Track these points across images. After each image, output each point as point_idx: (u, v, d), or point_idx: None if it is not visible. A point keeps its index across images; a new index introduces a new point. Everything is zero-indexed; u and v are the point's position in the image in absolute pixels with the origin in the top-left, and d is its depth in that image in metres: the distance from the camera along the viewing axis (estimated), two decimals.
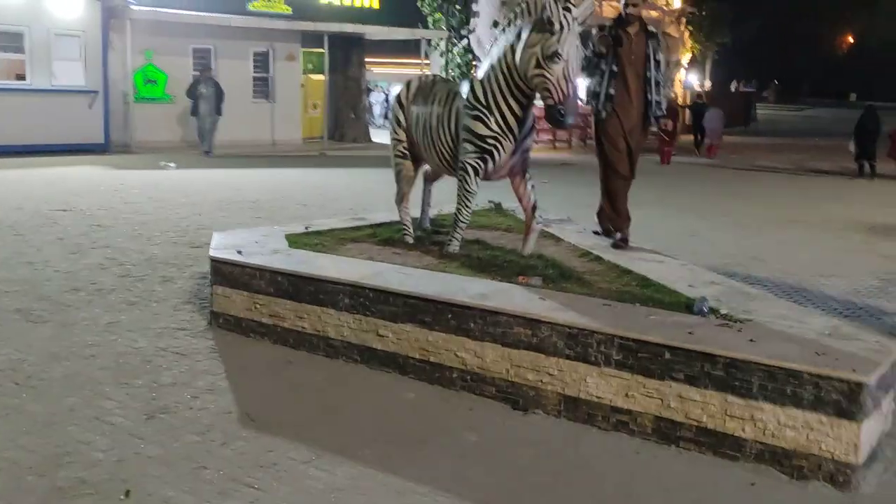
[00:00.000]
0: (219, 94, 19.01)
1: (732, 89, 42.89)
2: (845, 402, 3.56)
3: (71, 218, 9.95)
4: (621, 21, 6.32)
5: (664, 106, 6.50)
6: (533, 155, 6.07)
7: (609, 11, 26.53)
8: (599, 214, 6.71)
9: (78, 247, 8.36)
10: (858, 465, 3.59)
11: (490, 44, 5.87)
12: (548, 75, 5.13)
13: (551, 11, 5.08)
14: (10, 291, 6.59)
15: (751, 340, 3.93)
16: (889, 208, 13.46)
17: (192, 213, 10.70)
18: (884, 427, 3.94)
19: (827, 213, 12.75)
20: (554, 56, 5.08)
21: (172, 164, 15.89)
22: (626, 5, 6.32)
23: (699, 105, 24.69)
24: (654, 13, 25.89)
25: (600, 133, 6.43)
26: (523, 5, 5.47)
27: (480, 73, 5.75)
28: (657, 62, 6.30)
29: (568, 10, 5.14)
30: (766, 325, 4.24)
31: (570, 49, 5.11)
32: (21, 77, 17.22)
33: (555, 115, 5.24)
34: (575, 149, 24.98)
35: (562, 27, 5.08)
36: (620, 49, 6.21)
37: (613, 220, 6.53)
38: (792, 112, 54.16)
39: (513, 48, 5.40)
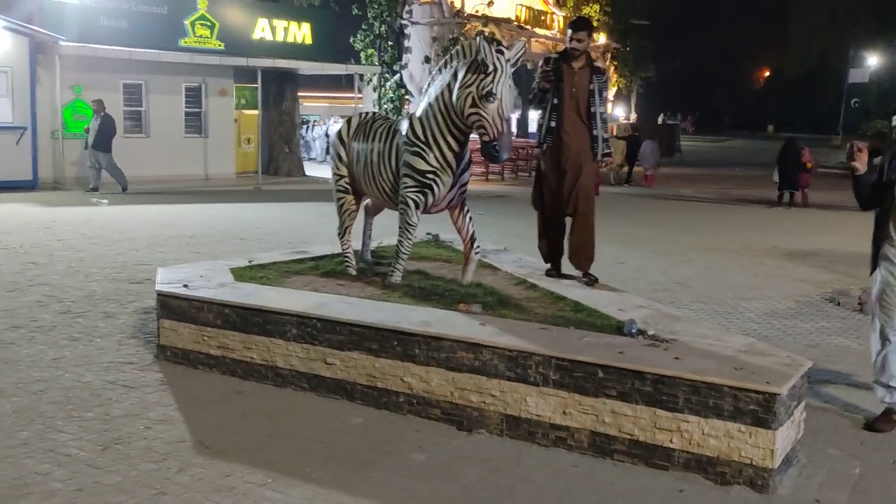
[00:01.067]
0: (104, 130, 17.73)
1: (659, 121, 44.29)
2: (761, 411, 3.90)
3: (4, 256, 9.86)
4: (566, 55, 6.32)
5: (607, 140, 6.46)
6: (468, 187, 6.33)
7: (537, 48, 27.37)
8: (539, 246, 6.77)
9: (14, 285, 8.31)
10: (774, 469, 3.93)
11: (422, 79, 6.20)
12: (483, 113, 5.44)
13: (485, 54, 5.40)
14: None
15: (676, 358, 4.26)
16: (805, 235, 14.20)
17: (129, 248, 10.69)
18: (796, 434, 4.30)
19: (747, 240, 13.39)
20: (488, 95, 5.39)
21: (105, 201, 15.77)
22: (570, 39, 6.29)
23: (634, 137, 25.54)
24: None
25: (539, 166, 6.61)
26: (459, 47, 5.81)
27: (419, 111, 6.03)
28: (602, 97, 6.30)
29: (501, 52, 5.47)
30: (690, 343, 4.59)
31: (504, 89, 5.43)
32: None
33: (490, 151, 5.55)
34: (507, 181, 25.51)
35: (495, 68, 5.41)
36: (562, 83, 6.23)
37: (542, 251, 6.68)
38: (714, 143, 56.08)
39: (450, 87, 5.70)
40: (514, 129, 51.40)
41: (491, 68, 5.40)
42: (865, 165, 4.90)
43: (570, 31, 6.35)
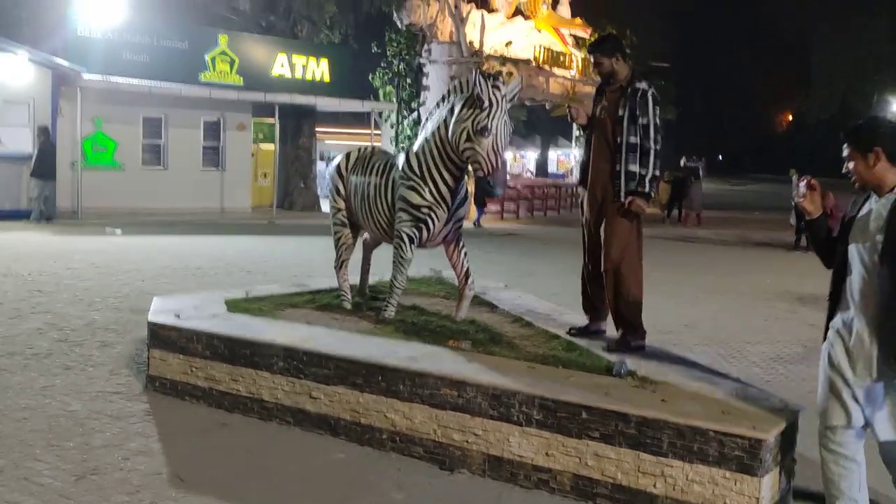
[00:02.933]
0: (42, 156, 17.26)
1: (682, 164, 44.27)
2: (747, 458, 3.78)
3: (11, 283, 9.91)
4: (603, 83, 5.56)
5: (647, 178, 5.22)
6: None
7: (556, 88, 27.49)
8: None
9: (17, 312, 8.33)
10: None
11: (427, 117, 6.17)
12: (478, 149, 5.42)
13: (481, 89, 5.39)
14: None
15: (662, 400, 4.15)
16: (820, 279, 13.91)
17: (136, 279, 10.71)
18: (787, 483, 4.15)
19: (761, 283, 13.22)
20: (483, 130, 5.37)
21: (118, 231, 15.87)
22: (594, 65, 5.59)
23: (681, 179, 25.88)
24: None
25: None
26: (456, 83, 5.81)
27: (416, 145, 6.02)
28: (636, 124, 5.21)
29: (497, 87, 5.47)
30: (680, 386, 4.47)
31: (499, 124, 5.41)
32: None
33: (485, 187, 5.53)
34: (522, 219, 25.48)
35: (491, 104, 5.39)
36: (594, 113, 5.54)
37: (584, 304, 5.86)
38: (735, 187, 55.85)
39: (446, 122, 5.69)
40: (525, 164, 51.57)
41: (486, 103, 5.39)
42: (819, 208, 3.83)
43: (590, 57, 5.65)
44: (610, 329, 5.63)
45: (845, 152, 3.66)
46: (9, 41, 17.77)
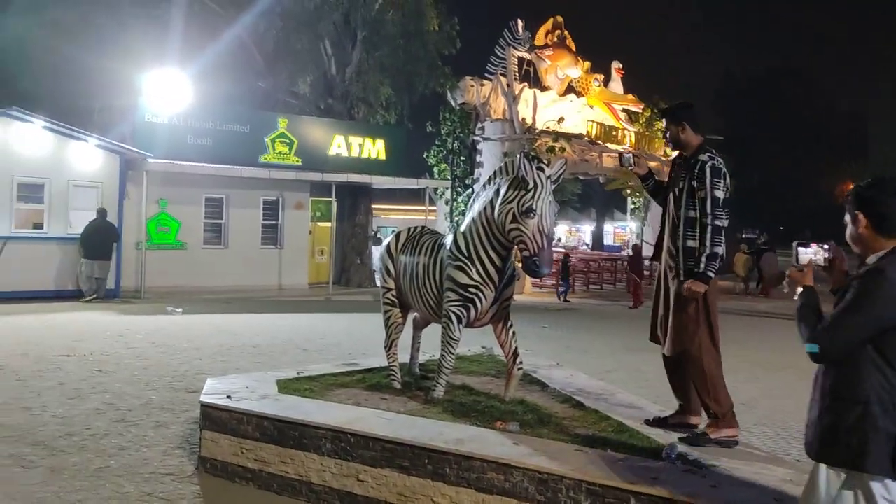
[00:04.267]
0: (94, 236, 17.85)
1: (759, 240, 44.28)
2: None
3: (74, 363, 10.17)
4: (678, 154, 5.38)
5: (703, 255, 4.91)
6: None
7: (609, 162, 27.60)
8: None
9: (77, 392, 8.53)
10: None
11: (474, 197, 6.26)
12: (523, 229, 5.47)
13: (526, 171, 5.47)
14: (5, 437, 6.72)
15: (712, 486, 4.03)
16: None
17: (193, 357, 10.90)
18: None
19: None
20: (528, 211, 5.43)
21: (179, 310, 16.23)
22: (663, 133, 5.45)
23: (761, 249, 26.63)
24: (653, 164, 26.85)
25: None
26: (502, 164, 5.91)
27: (463, 225, 6.09)
28: (694, 197, 4.99)
29: (542, 169, 5.54)
30: (733, 471, 4.34)
31: (544, 205, 5.46)
32: (38, 226, 17.92)
33: (531, 267, 5.54)
34: (578, 293, 25.30)
35: (536, 185, 5.46)
36: (668, 188, 5.35)
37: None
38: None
39: (492, 203, 5.77)
40: (581, 237, 51.39)
41: (531, 185, 5.46)
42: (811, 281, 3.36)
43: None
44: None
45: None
46: (80, 130, 18.64)
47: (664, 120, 5.34)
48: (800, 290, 3.36)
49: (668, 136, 5.31)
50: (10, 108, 17.67)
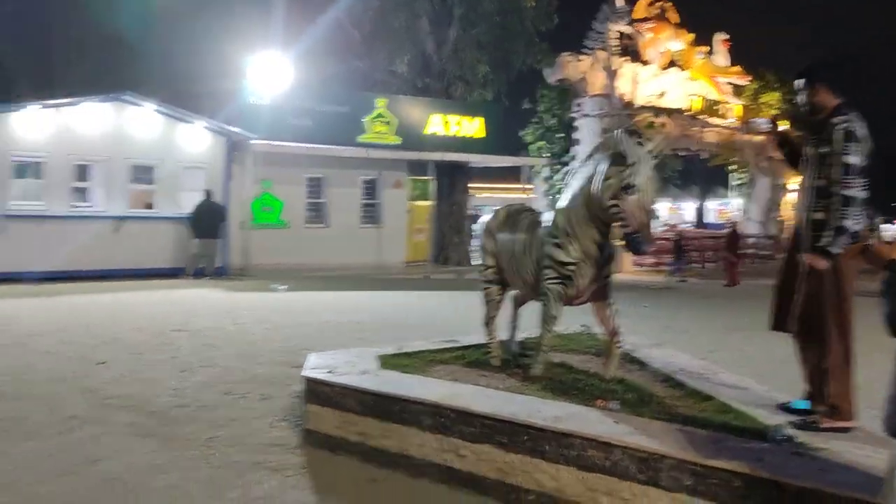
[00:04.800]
0: (201, 216, 18.62)
1: None
2: None
3: (185, 338, 10.60)
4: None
5: (831, 228, 4.61)
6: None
7: (711, 137, 26.78)
8: None
9: (188, 365, 8.89)
10: None
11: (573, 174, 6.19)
12: (624, 206, 5.37)
13: (626, 146, 5.37)
14: (124, 406, 7.08)
15: (820, 469, 3.90)
16: None
17: (298, 334, 11.20)
18: None
19: None
20: (629, 188, 5.33)
21: (283, 287, 16.69)
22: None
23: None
24: (758, 137, 25.89)
25: None
26: (602, 141, 5.82)
27: (562, 202, 6.03)
28: (826, 165, 4.68)
29: (641, 144, 5.42)
30: (842, 454, 4.19)
31: (644, 180, 5.35)
32: (149, 206, 18.73)
33: (632, 244, 5.45)
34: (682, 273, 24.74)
35: (636, 161, 5.35)
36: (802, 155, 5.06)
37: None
38: None
39: (591, 180, 5.69)
40: (682, 215, 50.08)
41: (631, 160, 5.35)
42: None
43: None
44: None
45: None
46: (188, 112, 19.32)
47: (799, 79, 4.99)
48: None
49: (800, 98, 4.98)
50: (124, 92, 18.45)
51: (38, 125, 17.11)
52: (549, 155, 25.96)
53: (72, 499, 4.92)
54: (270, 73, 20.66)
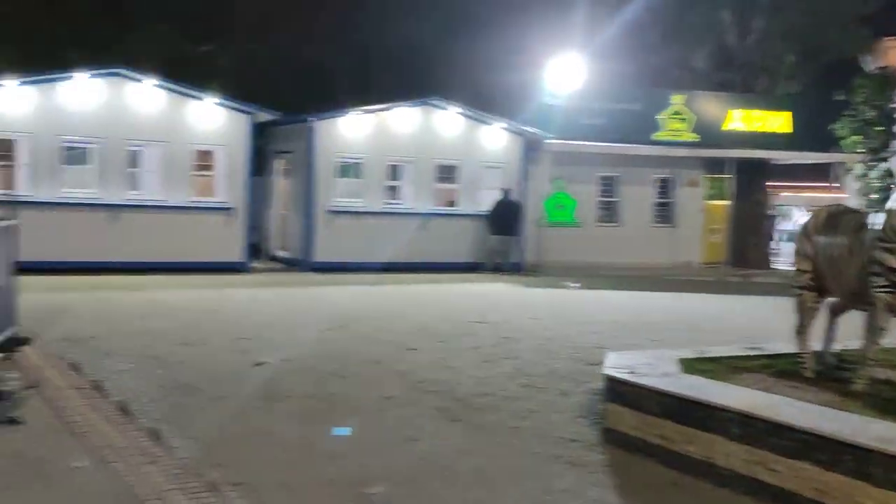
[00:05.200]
0: (497, 214, 19.24)
1: None
2: None
3: (485, 330, 11.08)
4: None
5: None
6: None
7: None
8: None
9: (489, 356, 9.29)
10: None
11: None
12: None
13: None
14: (432, 391, 7.58)
15: None
16: None
17: (591, 331, 11.27)
18: None
19: None
20: None
21: (577, 284, 16.86)
22: None
23: None
24: None
25: None
26: None
27: (892, 203, 5.51)
28: None
29: None
30: None
31: None
32: (452, 204, 19.81)
33: None
34: None
35: None
36: None
37: None
38: None
39: None
40: None
41: None
42: None
43: None
44: None
45: None
46: (487, 114, 20.13)
47: None
48: None
49: None
50: (430, 97, 19.64)
51: (358, 129, 18.76)
52: (864, 150, 23.65)
53: (392, 473, 5.36)
54: (566, 73, 20.90)
